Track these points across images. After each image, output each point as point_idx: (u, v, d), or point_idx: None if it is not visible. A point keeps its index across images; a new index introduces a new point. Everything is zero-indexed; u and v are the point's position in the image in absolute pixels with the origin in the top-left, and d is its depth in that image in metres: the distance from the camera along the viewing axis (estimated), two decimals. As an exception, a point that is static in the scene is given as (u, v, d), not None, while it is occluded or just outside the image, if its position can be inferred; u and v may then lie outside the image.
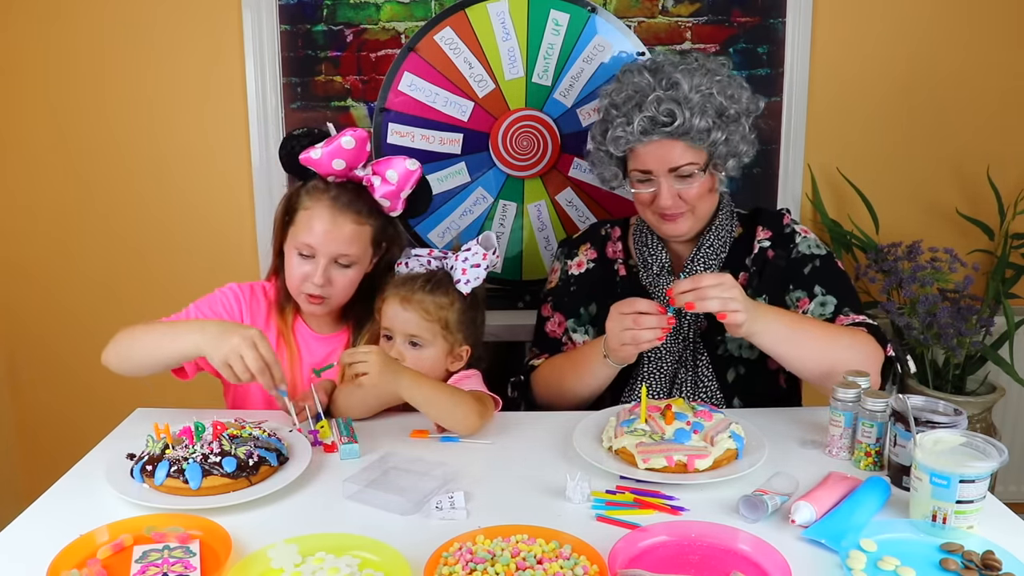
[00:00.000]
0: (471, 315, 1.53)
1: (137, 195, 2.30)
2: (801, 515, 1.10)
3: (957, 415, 1.18)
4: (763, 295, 1.55)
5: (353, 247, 1.50)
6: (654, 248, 1.63)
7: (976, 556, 0.99)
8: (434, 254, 1.56)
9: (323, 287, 1.49)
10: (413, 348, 1.50)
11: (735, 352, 1.57)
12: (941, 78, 2.23)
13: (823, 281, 1.54)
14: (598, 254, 1.70)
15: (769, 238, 1.60)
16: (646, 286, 1.63)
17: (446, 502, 1.14)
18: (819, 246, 1.59)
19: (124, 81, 2.22)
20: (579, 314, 1.66)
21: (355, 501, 1.17)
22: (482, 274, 1.50)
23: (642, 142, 1.50)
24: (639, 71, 1.53)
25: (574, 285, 1.68)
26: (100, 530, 1.05)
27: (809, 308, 1.52)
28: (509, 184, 2.24)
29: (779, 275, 1.57)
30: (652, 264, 1.62)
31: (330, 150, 1.47)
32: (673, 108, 1.46)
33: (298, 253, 1.50)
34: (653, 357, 1.59)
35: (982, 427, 2.17)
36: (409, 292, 1.49)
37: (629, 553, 1.01)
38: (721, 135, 1.49)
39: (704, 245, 1.59)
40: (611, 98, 1.55)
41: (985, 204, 2.23)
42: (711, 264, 1.59)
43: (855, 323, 1.48)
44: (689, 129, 1.47)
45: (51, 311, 2.39)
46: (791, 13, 2.15)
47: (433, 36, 2.15)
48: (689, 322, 1.58)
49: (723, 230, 1.61)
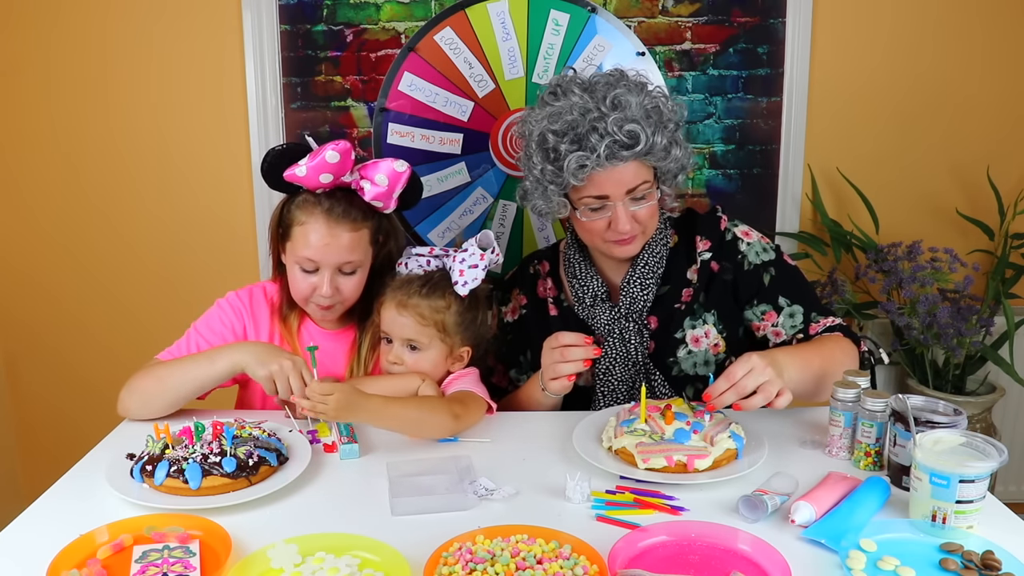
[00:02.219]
0: (471, 316, 1.52)
1: (138, 195, 2.30)
2: (801, 515, 1.09)
3: (957, 415, 1.18)
4: (711, 311, 1.53)
5: (355, 254, 1.49)
6: (584, 278, 1.57)
7: (976, 556, 0.99)
8: (434, 252, 1.55)
9: (332, 296, 1.49)
10: (411, 351, 1.50)
11: (690, 371, 1.54)
12: (941, 78, 2.23)
13: (784, 291, 1.51)
14: (528, 299, 1.64)
15: (709, 248, 1.54)
16: (584, 319, 1.57)
17: (481, 488, 1.18)
18: (766, 249, 1.54)
19: (124, 81, 2.23)
20: (519, 362, 1.65)
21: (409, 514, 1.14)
22: (480, 275, 1.48)
23: (604, 168, 1.39)
24: (569, 93, 1.41)
25: (510, 334, 1.65)
26: (100, 530, 1.05)
27: (778, 321, 1.51)
28: (509, 184, 2.24)
29: (728, 290, 1.53)
30: (585, 296, 1.57)
31: (315, 165, 1.44)
32: (633, 129, 1.37)
33: (300, 268, 1.50)
34: (606, 390, 1.55)
35: (982, 427, 2.17)
36: (405, 296, 1.48)
37: (629, 553, 1.01)
38: (679, 151, 1.44)
39: (639, 265, 1.53)
40: (548, 124, 1.41)
41: (985, 204, 2.24)
42: (648, 283, 1.53)
43: (829, 327, 1.49)
44: (652, 147, 1.39)
45: (51, 311, 2.39)
46: (791, 13, 2.15)
47: (433, 36, 2.15)
48: (635, 346, 1.54)
49: (658, 244, 1.54)
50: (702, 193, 2.27)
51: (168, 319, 1.57)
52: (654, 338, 1.55)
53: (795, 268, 1.57)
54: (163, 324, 1.55)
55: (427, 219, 2.26)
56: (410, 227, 2.25)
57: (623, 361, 1.55)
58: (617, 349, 1.54)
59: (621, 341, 1.54)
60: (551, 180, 1.45)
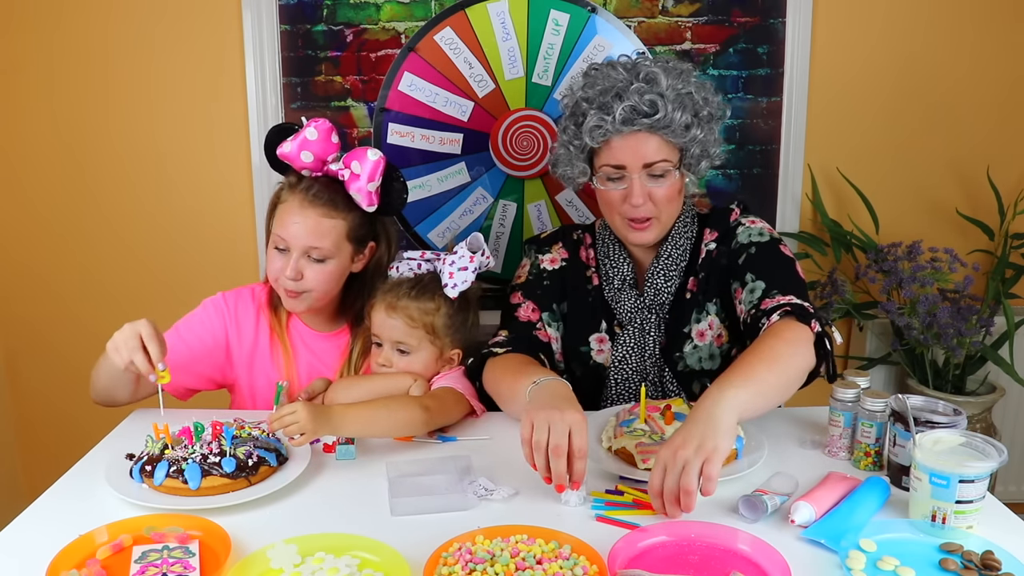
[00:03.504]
0: (460, 318, 1.53)
1: (138, 194, 2.30)
2: (801, 515, 1.10)
3: (957, 415, 1.18)
4: (714, 299, 1.53)
5: (324, 240, 1.48)
6: (616, 260, 1.58)
7: (975, 556, 0.99)
8: (425, 256, 1.55)
9: (296, 281, 1.48)
10: (401, 355, 1.50)
11: (695, 366, 1.53)
12: (941, 78, 2.23)
13: (754, 267, 1.46)
14: (570, 255, 1.63)
15: (716, 239, 1.55)
16: (609, 301, 1.58)
17: (481, 488, 1.18)
18: (761, 234, 1.50)
19: (125, 81, 2.22)
20: (552, 309, 1.60)
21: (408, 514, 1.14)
22: (470, 277, 1.49)
23: (621, 132, 1.42)
24: (612, 67, 1.47)
25: (547, 280, 1.61)
26: (99, 530, 1.05)
27: (742, 297, 1.46)
28: (509, 184, 2.24)
29: (724, 273, 1.52)
30: (614, 277, 1.58)
31: (298, 143, 1.47)
32: (655, 99, 1.40)
33: (275, 247, 1.51)
34: (620, 379, 1.55)
35: (982, 427, 2.17)
36: (395, 299, 1.49)
37: (629, 553, 1.01)
38: (700, 132, 1.45)
39: (663, 256, 1.54)
40: (583, 92, 1.47)
41: (985, 204, 2.23)
42: (672, 275, 1.54)
43: (778, 305, 1.36)
44: (670, 122, 1.41)
45: (51, 311, 2.39)
46: (791, 13, 2.15)
47: (433, 36, 2.15)
48: (654, 338, 1.54)
49: (682, 237, 1.55)
50: (702, 193, 2.26)
51: (169, 318, 1.57)
52: (667, 332, 1.55)
53: (785, 256, 1.49)
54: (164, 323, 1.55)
55: (427, 219, 2.26)
56: (410, 227, 2.25)
57: (639, 351, 1.55)
58: (635, 339, 1.54)
59: (640, 332, 1.54)
60: (571, 140, 1.49)
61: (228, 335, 1.57)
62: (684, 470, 1.06)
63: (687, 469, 1.06)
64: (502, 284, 1.69)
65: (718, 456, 1.07)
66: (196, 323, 1.56)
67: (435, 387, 1.47)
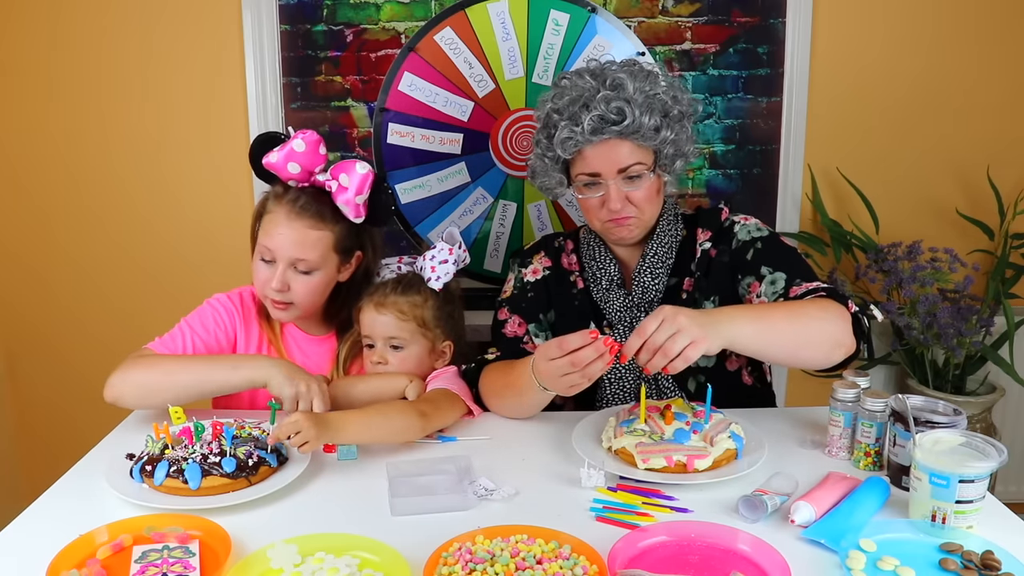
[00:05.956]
0: (447, 310, 1.56)
1: (138, 195, 2.30)
2: (801, 515, 1.10)
3: (956, 415, 1.18)
4: (713, 297, 1.53)
5: (311, 252, 1.47)
6: (602, 261, 1.58)
7: (975, 556, 0.99)
8: (404, 260, 1.60)
9: (282, 292, 1.48)
10: (395, 351, 1.51)
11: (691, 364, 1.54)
12: (941, 78, 2.23)
13: (768, 260, 1.48)
14: (552, 263, 1.65)
15: (709, 238, 1.56)
16: (597, 302, 1.59)
17: (481, 488, 1.18)
18: (759, 229, 1.53)
19: (125, 81, 2.23)
20: (539, 319, 1.62)
21: (408, 514, 1.14)
22: (451, 269, 1.55)
23: (591, 142, 1.44)
24: (579, 75, 1.48)
25: (531, 291, 1.63)
26: (100, 530, 1.05)
27: (761, 290, 1.47)
28: (509, 184, 2.24)
29: (727, 272, 1.53)
30: (601, 278, 1.59)
31: (284, 154, 1.47)
32: (622, 106, 1.41)
33: (261, 258, 1.50)
34: (614, 378, 1.56)
35: (982, 427, 2.17)
36: (382, 297, 1.51)
37: (629, 553, 1.01)
38: (670, 133, 1.46)
39: (649, 254, 1.55)
40: (552, 104, 1.48)
41: (985, 204, 2.24)
42: (659, 272, 1.55)
43: (809, 291, 1.40)
44: (639, 127, 1.42)
45: (52, 311, 2.39)
46: (791, 13, 2.15)
47: (433, 36, 2.15)
48: None
49: (667, 235, 1.56)
50: (702, 193, 2.27)
51: (169, 319, 1.57)
52: None
53: (790, 248, 1.53)
54: (164, 324, 1.55)
55: (427, 219, 2.26)
56: (410, 227, 2.25)
57: None
58: (626, 337, 1.54)
59: (631, 330, 1.54)
60: (545, 153, 1.51)
61: (237, 333, 1.57)
62: (675, 335, 1.17)
63: (677, 336, 1.17)
64: (501, 284, 1.69)
65: (702, 347, 1.18)
66: (209, 320, 1.56)
67: (430, 388, 1.48)
